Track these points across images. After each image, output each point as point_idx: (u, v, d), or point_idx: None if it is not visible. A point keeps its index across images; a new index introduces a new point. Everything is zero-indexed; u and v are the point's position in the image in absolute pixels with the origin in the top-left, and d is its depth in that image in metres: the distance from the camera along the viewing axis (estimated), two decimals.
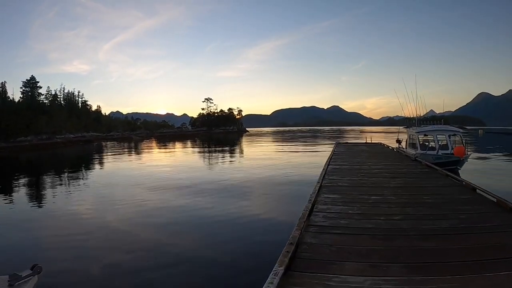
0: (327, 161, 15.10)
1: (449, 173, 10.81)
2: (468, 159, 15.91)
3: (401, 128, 26.98)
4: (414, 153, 17.28)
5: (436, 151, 16.32)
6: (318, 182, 9.04)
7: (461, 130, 17.85)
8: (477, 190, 8.10)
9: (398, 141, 24.44)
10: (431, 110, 22.63)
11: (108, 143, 67.86)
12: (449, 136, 17.50)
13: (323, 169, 11.99)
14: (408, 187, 8.86)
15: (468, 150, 17.15)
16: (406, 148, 20.57)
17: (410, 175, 11.01)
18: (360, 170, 12.07)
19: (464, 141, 17.16)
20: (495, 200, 7.03)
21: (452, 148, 16.59)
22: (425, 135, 18.00)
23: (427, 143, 18.29)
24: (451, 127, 18.04)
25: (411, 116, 22.30)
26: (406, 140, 22.62)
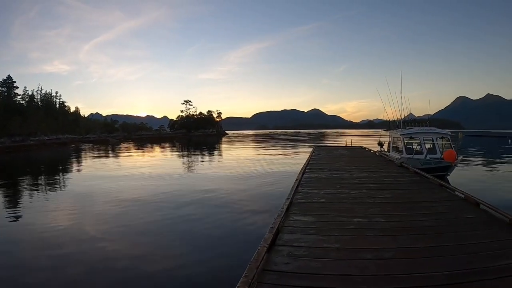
0: (302, 168, 13.53)
1: (443, 183, 9.44)
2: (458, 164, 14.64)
3: (382, 131, 25.84)
4: (399, 157, 15.93)
5: (424, 156, 14.96)
6: (288, 198, 7.37)
7: (450, 133, 16.55)
8: (481, 205, 6.78)
9: (380, 144, 23.24)
10: (410, 114, 21.63)
11: (84, 146, 65.84)
12: (437, 139, 16.20)
13: (297, 179, 10.36)
14: (398, 203, 7.32)
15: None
16: (389, 151, 19.21)
17: (399, 185, 9.52)
18: (340, 180, 10.52)
19: (452, 145, 15.89)
20: (507, 219, 5.68)
21: (441, 152, 15.30)
22: (410, 137, 16.66)
23: (413, 147, 16.99)
24: (439, 130, 16.77)
25: (394, 119, 21.11)
26: (389, 143, 21.38)
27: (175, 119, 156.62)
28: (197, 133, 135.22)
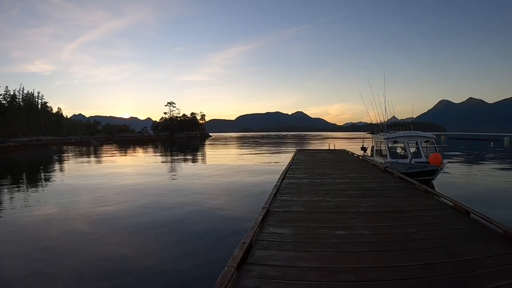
0: (282, 172, 13.00)
1: (429, 190, 9.07)
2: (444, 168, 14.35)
3: (365, 134, 25.61)
4: (383, 162, 15.57)
5: (409, 160, 14.63)
6: (264, 207, 6.81)
7: (434, 136, 16.28)
8: (471, 214, 6.45)
9: (363, 149, 22.90)
10: (393, 117, 21.57)
11: (65, 148, 63.85)
12: (421, 142, 15.92)
13: (275, 185, 9.83)
14: (383, 213, 6.86)
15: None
16: (373, 156, 18.87)
17: (383, 192, 9.10)
18: (321, 186, 10.04)
19: (438, 148, 15.62)
20: (501, 231, 5.32)
21: (426, 156, 15.00)
22: (395, 141, 16.31)
23: (398, 151, 16.68)
24: (424, 133, 16.50)
25: (377, 122, 20.85)
26: (372, 147, 21.07)
27: (158, 121, 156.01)
28: (180, 135, 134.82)
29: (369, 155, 20.92)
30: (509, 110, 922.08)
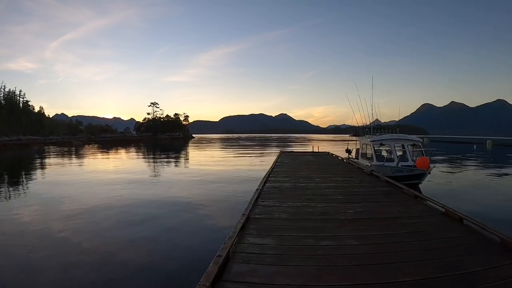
0: (265, 176, 12.56)
1: (418, 194, 8.78)
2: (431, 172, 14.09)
3: (349, 136, 25.46)
4: (369, 165, 15.29)
5: (396, 163, 14.35)
6: (244, 214, 6.34)
7: (421, 140, 16.07)
8: (464, 220, 6.18)
9: (348, 151, 22.69)
10: (377, 120, 21.52)
11: (46, 148, 62.05)
12: (408, 146, 15.70)
13: (257, 189, 9.37)
14: (372, 220, 6.48)
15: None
16: (358, 158, 18.61)
17: (370, 197, 8.74)
18: (305, 191, 9.62)
19: (424, 151, 15.41)
20: (498, 239, 5.07)
21: (413, 160, 14.77)
22: (381, 144, 16.07)
23: (382, 153, 16.45)
24: (410, 136, 16.31)
25: (361, 125, 20.64)
26: (357, 150, 20.86)
27: (141, 121, 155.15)
28: (163, 136, 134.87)
29: (354, 157, 20.71)
30: (490, 114, 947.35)
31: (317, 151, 31.53)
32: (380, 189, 10.04)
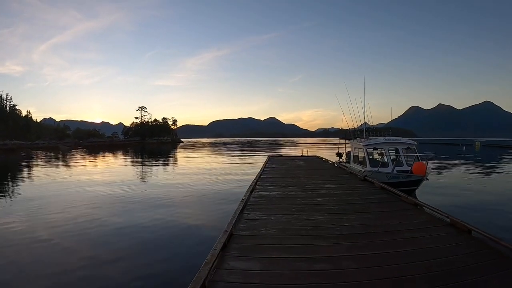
0: (252, 183, 11.81)
1: (418, 202, 8.20)
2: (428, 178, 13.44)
3: (339, 139, 24.89)
4: (362, 170, 14.65)
5: (391, 169, 13.70)
6: (226, 231, 5.60)
7: (416, 143, 15.45)
8: (473, 232, 5.65)
9: (339, 155, 22.09)
10: (365, 122, 21.01)
11: (32, 153, 60.91)
12: (402, 149, 15.05)
13: (242, 199, 8.60)
14: (371, 234, 5.83)
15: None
16: (349, 163, 17.96)
17: (367, 206, 8.09)
18: (295, 200, 8.92)
19: (419, 156, 14.85)
20: None
21: (409, 164, 14.19)
22: (374, 148, 15.41)
23: (374, 158, 15.85)
24: (405, 140, 15.67)
25: (352, 128, 20.09)
26: (348, 153, 20.28)
27: (129, 126, 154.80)
28: (151, 141, 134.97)
29: (345, 161, 20.14)
30: (477, 116, 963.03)
31: (306, 155, 30.94)
32: (376, 196, 9.39)
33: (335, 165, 19.76)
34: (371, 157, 15.44)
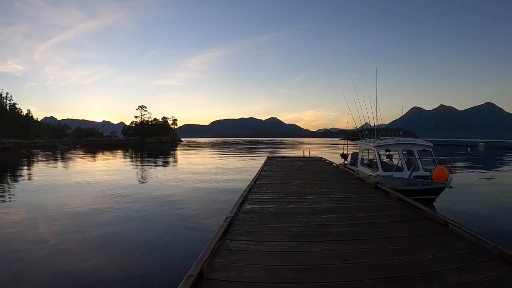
0: (244, 191, 9.92)
1: (451, 222, 6.21)
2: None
3: (340, 139, 23.05)
4: (373, 175, 12.77)
5: (408, 174, 11.75)
6: (192, 275, 3.76)
7: (432, 145, 13.49)
8: None
9: (344, 156, 20.23)
10: (366, 123, 19.32)
11: (26, 152, 59.01)
12: (418, 152, 13.13)
13: (227, 217, 6.58)
14: (401, 279, 3.94)
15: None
16: (356, 165, 16.07)
17: (386, 227, 6.24)
18: (295, 218, 7.04)
19: (436, 160, 13.00)
20: None
21: (425, 169, 12.32)
22: (387, 150, 13.47)
23: (389, 161, 13.98)
24: (421, 141, 13.70)
25: (354, 128, 18.22)
26: (353, 155, 18.47)
27: (129, 125, 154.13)
28: (151, 140, 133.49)
29: (349, 163, 18.32)
30: (479, 117, 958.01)
31: (308, 156, 28.98)
32: (395, 211, 7.52)
33: (340, 168, 17.89)
34: (383, 160, 13.56)
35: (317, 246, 5.15)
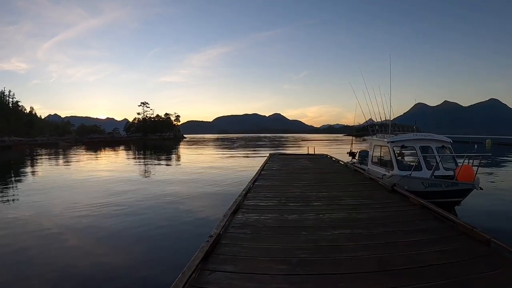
0: (240, 196, 8.43)
1: (494, 240, 4.80)
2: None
3: (342, 135, 21.57)
4: (387, 175, 11.29)
5: (429, 173, 10.18)
6: None
7: (451, 141, 11.94)
8: None
9: (352, 154, 18.75)
10: (370, 119, 17.91)
11: (28, 150, 57.67)
12: (436, 148, 11.60)
13: (213, 233, 5.12)
14: None
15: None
16: (366, 164, 14.59)
17: (418, 251, 4.77)
18: (298, 234, 5.58)
19: (456, 157, 11.50)
20: None
21: (446, 168, 10.85)
22: (403, 146, 11.91)
23: (404, 160, 12.50)
24: (440, 136, 12.09)
25: (357, 123, 16.82)
26: (360, 152, 17.05)
27: (131, 121, 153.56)
28: (153, 137, 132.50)
29: (357, 161, 16.89)
30: (483, 113, 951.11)
31: (313, 153, 27.37)
32: (421, 225, 6.02)
33: (348, 166, 16.38)
34: (399, 158, 12.05)
35: (328, 283, 3.72)
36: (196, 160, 35.02)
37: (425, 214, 6.82)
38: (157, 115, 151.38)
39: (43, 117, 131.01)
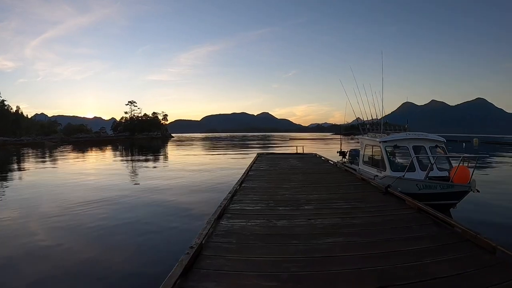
0: (225, 199, 7.88)
1: (500, 247, 4.41)
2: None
3: (330, 134, 21.25)
4: (380, 176, 10.92)
5: (423, 174, 9.86)
6: None
7: (445, 140, 11.61)
8: None
9: (342, 153, 18.38)
10: (358, 118, 17.59)
11: (13, 150, 56.80)
12: (430, 148, 11.28)
13: (194, 244, 4.60)
14: None
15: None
16: (357, 164, 14.22)
17: (418, 258, 4.37)
18: (289, 242, 5.09)
19: (450, 158, 11.18)
20: None
21: (440, 169, 10.51)
22: (395, 146, 11.53)
23: (400, 160, 12.14)
24: (433, 136, 11.82)
25: (346, 122, 16.39)
26: (351, 151, 16.73)
27: (118, 120, 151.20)
28: (140, 136, 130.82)
29: (347, 161, 16.57)
30: (471, 112, 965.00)
31: (301, 152, 26.97)
32: (420, 231, 5.59)
33: (338, 165, 16.01)
34: (392, 158, 11.68)
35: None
36: (182, 161, 34.41)
37: (424, 218, 6.40)
38: (145, 114, 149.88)
39: (29, 117, 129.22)
